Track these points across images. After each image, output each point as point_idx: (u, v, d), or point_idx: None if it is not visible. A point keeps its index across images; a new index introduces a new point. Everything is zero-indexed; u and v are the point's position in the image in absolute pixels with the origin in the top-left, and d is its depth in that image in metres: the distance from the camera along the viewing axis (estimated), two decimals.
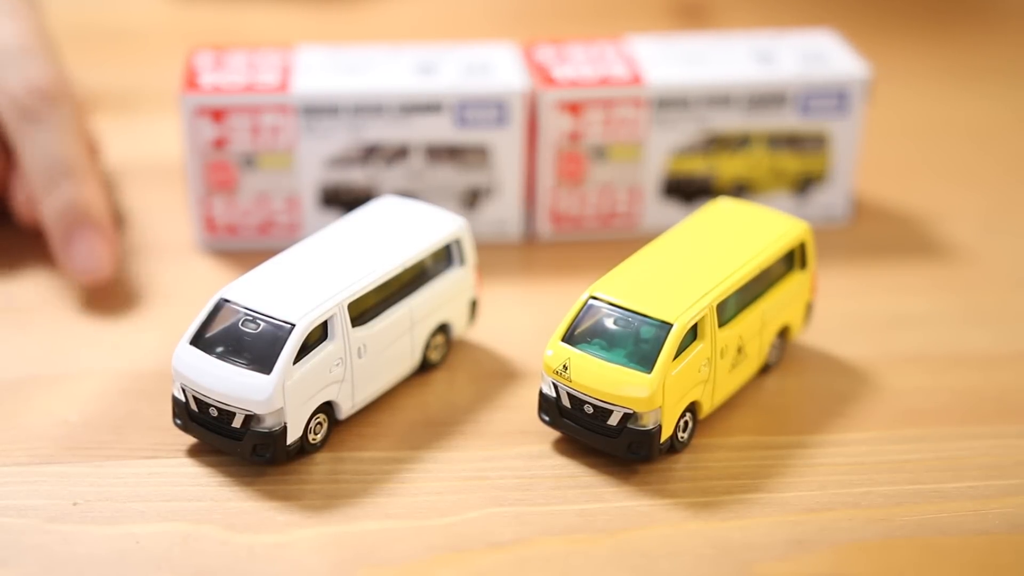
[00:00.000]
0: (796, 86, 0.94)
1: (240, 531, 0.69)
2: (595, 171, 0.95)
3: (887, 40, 1.26)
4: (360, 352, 0.75)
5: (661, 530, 0.70)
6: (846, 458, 0.76)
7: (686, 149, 0.95)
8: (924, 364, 0.84)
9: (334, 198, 0.94)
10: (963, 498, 0.73)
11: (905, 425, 0.78)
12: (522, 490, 0.73)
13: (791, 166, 0.97)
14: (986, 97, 1.18)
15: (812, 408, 0.80)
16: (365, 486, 0.72)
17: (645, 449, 0.73)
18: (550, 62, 0.95)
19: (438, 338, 0.81)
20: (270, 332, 0.72)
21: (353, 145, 0.92)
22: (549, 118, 0.93)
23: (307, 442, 0.74)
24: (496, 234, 0.96)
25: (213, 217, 0.93)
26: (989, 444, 0.77)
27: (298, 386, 0.72)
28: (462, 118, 0.92)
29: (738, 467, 0.75)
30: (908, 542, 0.70)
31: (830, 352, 0.84)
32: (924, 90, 1.20)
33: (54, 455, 0.74)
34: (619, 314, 0.74)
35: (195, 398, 0.73)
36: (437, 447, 0.76)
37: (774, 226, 0.81)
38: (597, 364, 0.73)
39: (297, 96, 0.91)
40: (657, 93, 0.93)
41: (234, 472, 0.73)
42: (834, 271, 0.91)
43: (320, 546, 0.69)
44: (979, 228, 0.99)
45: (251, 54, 0.95)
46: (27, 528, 0.69)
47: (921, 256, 0.95)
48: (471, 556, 0.68)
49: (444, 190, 0.94)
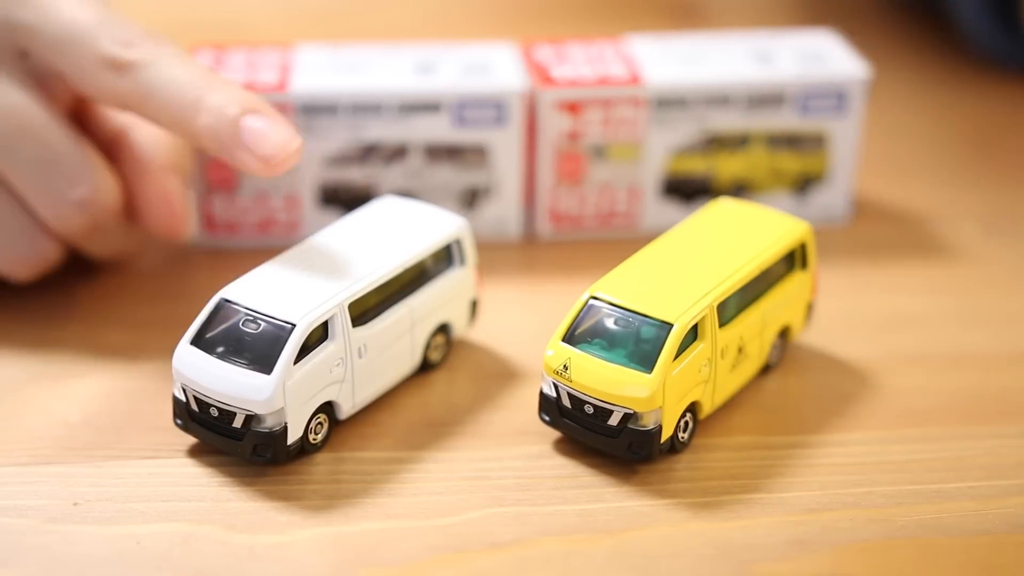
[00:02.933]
0: (795, 86, 0.94)
1: (240, 531, 0.69)
2: (594, 171, 0.95)
3: (885, 40, 1.26)
4: (361, 352, 0.75)
5: (661, 530, 0.70)
6: (846, 458, 0.76)
7: (685, 149, 0.95)
8: (924, 364, 0.84)
9: (333, 197, 0.94)
10: (963, 498, 0.73)
11: (905, 425, 0.78)
12: (522, 490, 0.73)
13: (790, 166, 0.97)
14: (986, 97, 1.18)
15: (812, 408, 0.80)
16: (365, 486, 0.72)
17: (645, 449, 0.73)
18: (549, 62, 0.95)
19: (438, 338, 0.81)
20: (271, 332, 0.71)
21: (352, 144, 0.92)
22: (548, 118, 0.93)
23: (308, 442, 0.74)
24: (496, 234, 0.96)
25: (213, 215, 0.93)
26: (989, 444, 0.77)
27: (299, 386, 0.72)
28: (461, 118, 0.92)
29: (738, 467, 0.75)
30: (908, 542, 0.70)
31: (830, 352, 0.84)
32: (922, 89, 1.20)
33: (54, 455, 0.74)
34: (619, 314, 0.74)
35: (196, 398, 0.72)
36: (437, 447, 0.76)
37: (775, 226, 0.81)
38: (597, 364, 0.73)
39: (296, 95, 0.91)
40: (656, 93, 0.93)
41: (234, 472, 0.73)
42: (834, 271, 0.91)
43: (320, 546, 0.69)
44: (979, 228, 0.99)
45: (251, 52, 0.95)
46: (27, 528, 0.69)
47: (921, 256, 0.95)
48: (471, 556, 0.68)
49: (443, 190, 0.94)
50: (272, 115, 0.79)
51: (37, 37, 0.81)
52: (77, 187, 0.82)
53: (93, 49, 0.81)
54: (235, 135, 0.79)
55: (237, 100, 0.79)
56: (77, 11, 0.81)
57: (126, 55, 0.81)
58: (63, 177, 0.81)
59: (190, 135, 0.81)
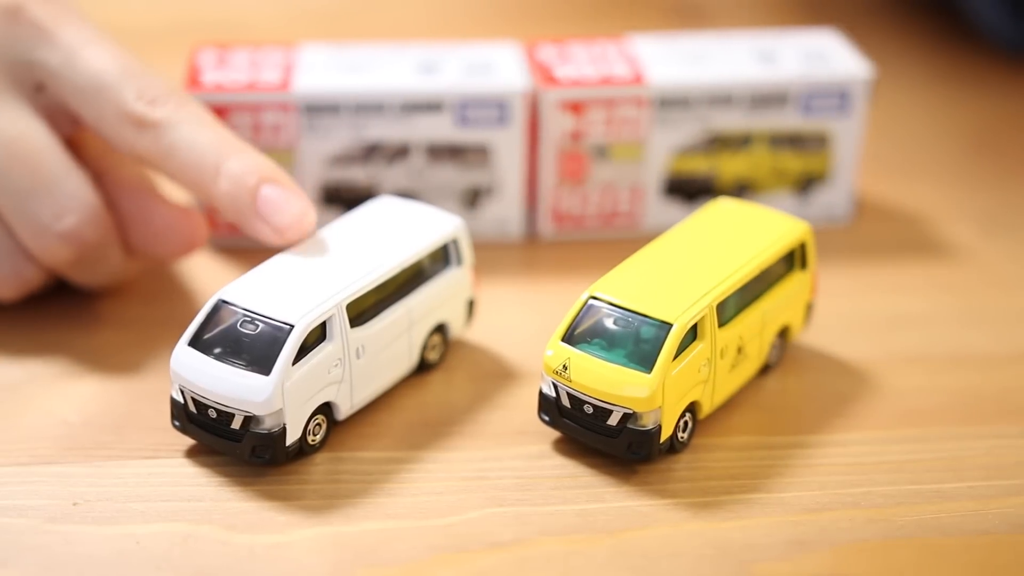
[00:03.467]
0: (798, 86, 0.94)
1: (240, 531, 0.69)
2: (597, 170, 0.95)
3: (888, 40, 1.26)
4: (359, 353, 0.75)
5: (661, 530, 0.70)
6: (846, 458, 0.76)
7: (688, 149, 0.95)
8: (924, 364, 0.84)
9: (335, 196, 0.94)
10: (963, 498, 0.73)
11: (905, 425, 0.78)
12: (522, 490, 0.73)
13: (793, 166, 0.97)
14: (986, 97, 1.18)
15: (812, 408, 0.80)
16: (365, 486, 0.73)
17: (645, 449, 0.73)
18: (552, 61, 0.95)
19: (435, 338, 0.81)
20: (269, 333, 0.72)
21: (354, 144, 0.92)
22: (551, 117, 0.93)
23: (306, 443, 0.74)
24: (497, 233, 0.96)
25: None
26: (989, 444, 0.77)
27: (297, 387, 0.72)
28: (463, 117, 0.92)
29: (738, 467, 0.75)
30: (908, 542, 0.70)
31: (830, 352, 0.84)
32: (925, 90, 1.19)
33: (54, 455, 0.74)
34: (619, 314, 0.74)
35: (194, 400, 0.73)
36: (437, 447, 0.76)
37: (774, 226, 0.81)
38: (597, 364, 0.73)
39: (298, 94, 0.91)
40: (659, 93, 0.93)
41: (234, 472, 0.73)
42: (834, 271, 0.91)
43: (320, 546, 0.69)
44: (980, 228, 0.98)
45: (254, 52, 0.95)
46: (27, 528, 0.69)
47: (921, 256, 0.95)
48: (471, 556, 0.68)
49: (445, 189, 0.94)
50: (289, 185, 0.80)
51: (61, 83, 0.81)
52: (63, 219, 0.80)
53: (117, 103, 0.81)
54: (252, 204, 0.80)
55: (256, 169, 0.80)
56: (105, 61, 0.81)
57: (151, 114, 0.81)
58: (50, 208, 0.80)
59: (207, 197, 0.82)
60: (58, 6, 0.83)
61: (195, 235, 0.85)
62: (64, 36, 0.81)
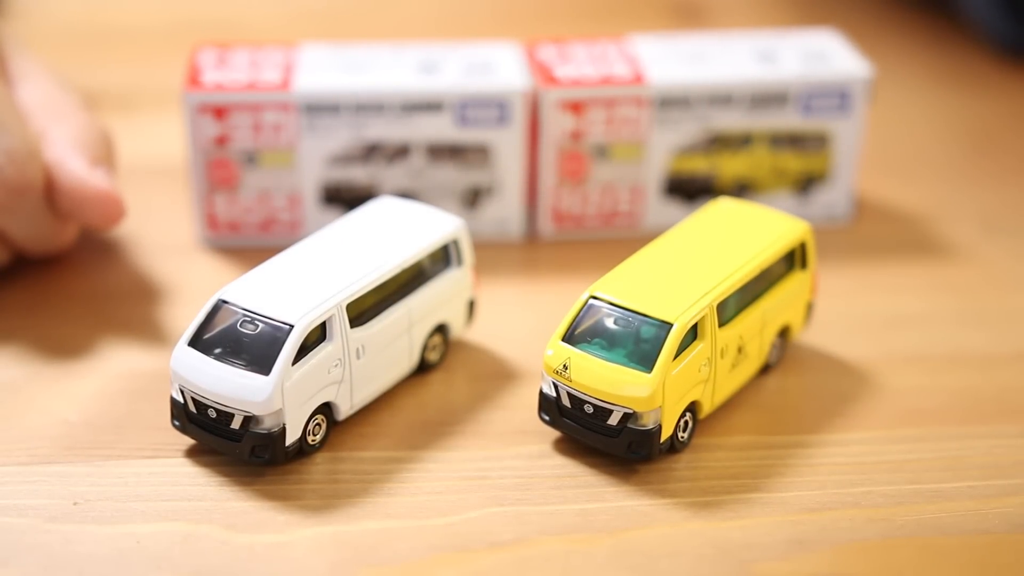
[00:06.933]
0: (798, 86, 0.94)
1: (240, 531, 0.69)
2: (597, 170, 0.95)
3: (888, 40, 1.26)
4: (359, 353, 0.75)
5: (661, 530, 0.70)
6: (846, 458, 0.76)
7: (688, 148, 0.95)
8: (924, 364, 0.84)
9: (335, 196, 0.94)
10: (963, 498, 0.73)
11: (905, 425, 0.78)
12: (522, 490, 0.73)
13: (793, 166, 0.97)
14: (986, 97, 1.18)
15: (812, 408, 0.80)
16: (365, 486, 0.73)
17: (645, 449, 0.73)
18: (552, 61, 0.95)
19: (436, 338, 0.81)
20: (269, 333, 0.72)
21: (354, 143, 0.92)
22: (551, 117, 0.93)
23: (306, 443, 0.74)
24: (497, 233, 0.96)
25: (215, 214, 0.93)
26: (989, 444, 0.77)
27: (297, 387, 0.72)
28: (463, 117, 0.92)
29: (738, 467, 0.75)
30: (908, 542, 0.70)
31: (830, 352, 0.84)
32: (925, 90, 1.20)
33: (54, 455, 0.74)
34: (619, 314, 0.74)
35: (193, 399, 0.73)
36: (437, 447, 0.76)
37: (774, 226, 0.81)
38: (597, 364, 0.73)
39: (299, 94, 0.91)
40: (659, 92, 0.93)
41: (234, 472, 0.73)
42: (834, 271, 0.91)
43: (320, 546, 0.69)
44: (979, 228, 0.98)
45: (254, 52, 0.95)
46: (27, 528, 0.69)
47: (921, 256, 0.95)
48: (471, 556, 0.68)
49: (445, 189, 0.94)
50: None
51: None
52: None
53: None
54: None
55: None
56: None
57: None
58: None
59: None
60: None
61: (110, 210, 0.86)
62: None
